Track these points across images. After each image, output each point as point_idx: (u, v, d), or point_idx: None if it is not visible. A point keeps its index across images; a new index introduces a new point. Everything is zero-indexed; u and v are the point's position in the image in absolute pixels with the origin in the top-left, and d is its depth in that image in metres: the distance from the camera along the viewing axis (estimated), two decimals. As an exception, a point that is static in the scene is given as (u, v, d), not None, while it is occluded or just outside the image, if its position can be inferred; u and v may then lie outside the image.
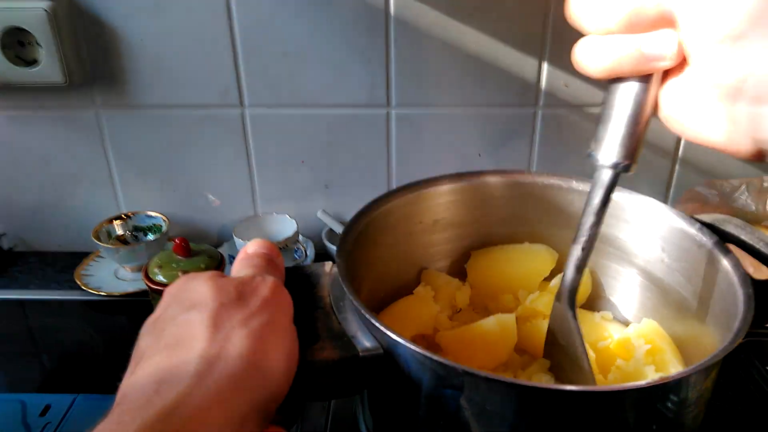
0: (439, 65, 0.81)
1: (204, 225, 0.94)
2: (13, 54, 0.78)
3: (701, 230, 0.49)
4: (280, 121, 0.85)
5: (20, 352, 0.74)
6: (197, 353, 0.32)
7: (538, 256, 0.60)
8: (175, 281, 0.39)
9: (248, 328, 0.34)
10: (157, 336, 0.34)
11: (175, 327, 0.34)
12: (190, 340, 0.33)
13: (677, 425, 0.38)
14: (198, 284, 0.37)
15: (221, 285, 0.37)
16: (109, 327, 0.78)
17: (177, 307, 0.36)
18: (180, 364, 0.31)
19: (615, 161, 0.38)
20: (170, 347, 0.33)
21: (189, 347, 0.32)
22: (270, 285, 0.38)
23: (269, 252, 0.43)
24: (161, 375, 0.31)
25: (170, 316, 0.35)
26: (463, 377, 0.35)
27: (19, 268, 0.91)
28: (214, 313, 0.34)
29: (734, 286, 0.43)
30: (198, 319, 0.34)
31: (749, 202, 0.80)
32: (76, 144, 0.88)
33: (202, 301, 0.35)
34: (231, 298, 0.36)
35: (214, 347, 0.32)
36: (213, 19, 0.79)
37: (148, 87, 0.83)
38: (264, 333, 0.34)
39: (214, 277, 0.38)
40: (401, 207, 0.56)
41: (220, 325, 0.33)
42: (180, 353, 0.32)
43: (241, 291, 0.36)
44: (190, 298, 0.36)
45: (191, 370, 0.31)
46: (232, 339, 0.33)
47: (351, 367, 0.39)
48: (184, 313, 0.35)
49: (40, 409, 0.62)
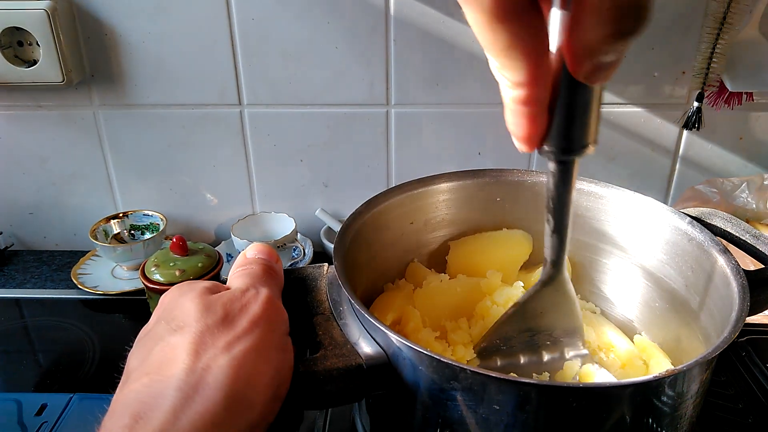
0: (439, 64, 0.81)
1: (202, 224, 0.94)
2: (12, 54, 0.78)
3: (692, 224, 0.49)
4: (278, 119, 0.85)
5: (16, 351, 0.74)
6: (176, 384, 0.31)
7: (514, 242, 0.59)
8: (170, 290, 0.38)
9: (231, 355, 0.32)
10: (143, 356, 0.34)
11: (159, 349, 0.33)
12: (171, 366, 0.32)
13: (678, 419, 0.38)
14: (186, 301, 0.36)
15: (208, 304, 0.36)
16: (105, 326, 0.77)
17: (164, 326, 0.35)
18: (157, 395, 0.30)
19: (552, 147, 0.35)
20: (151, 373, 0.32)
21: (168, 374, 0.31)
22: (262, 301, 0.37)
23: (268, 258, 0.42)
24: (137, 408, 0.30)
25: (157, 335, 0.35)
26: (465, 376, 0.35)
27: (15, 266, 0.91)
28: (197, 337, 0.33)
29: (728, 278, 0.43)
30: (180, 344, 0.33)
31: (750, 200, 0.80)
32: (74, 143, 0.87)
33: (188, 322, 0.34)
34: (217, 319, 0.35)
35: (193, 377, 0.31)
36: (212, 19, 0.78)
37: (146, 86, 0.83)
38: (249, 359, 0.33)
39: (204, 293, 0.37)
40: (398, 206, 0.56)
41: (201, 352, 0.32)
42: (159, 380, 0.31)
43: (228, 310, 0.35)
44: (177, 316, 0.35)
45: (167, 406, 0.30)
46: (212, 368, 0.32)
47: (355, 377, 0.38)
48: (169, 335, 0.34)
49: (36, 409, 0.61)
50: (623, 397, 0.35)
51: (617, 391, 0.35)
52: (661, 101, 0.82)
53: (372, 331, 0.40)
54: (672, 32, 0.78)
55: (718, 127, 0.83)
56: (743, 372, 0.64)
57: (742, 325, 0.37)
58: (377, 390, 0.39)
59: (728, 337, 0.36)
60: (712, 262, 0.46)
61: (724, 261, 0.44)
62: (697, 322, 0.47)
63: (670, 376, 0.35)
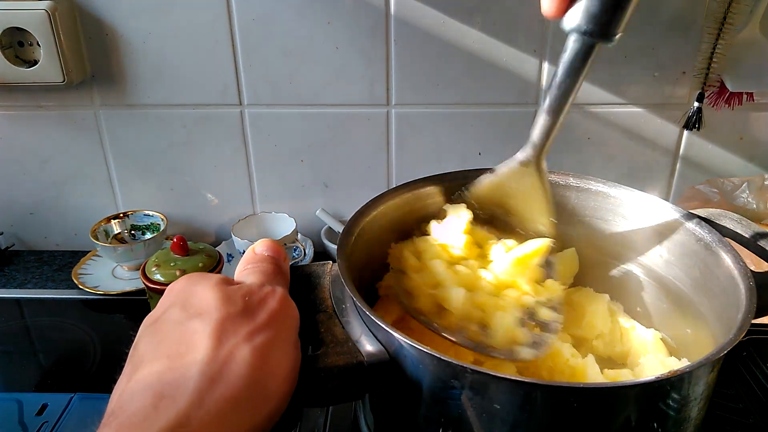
0: (439, 64, 0.81)
1: (202, 224, 0.94)
2: (12, 54, 0.78)
3: (699, 224, 0.49)
4: (279, 119, 0.85)
5: (17, 351, 0.74)
6: (199, 368, 0.30)
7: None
8: (178, 280, 0.38)
9: (253, 344, 0.32)
10: (158, 340, 0.33)
11: (177, 333, 0.33)
12: (192, 351, 0.31)
13: (682, 421, 0.38)
14: (204, 289, 0.35)
15: (229, 294, 0.35)
16: (106, 326, 0.77)
17: (180, 311, 0.34)
18: (180, 377, 0.30)
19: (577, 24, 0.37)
20: (171, 356, 0.31)
21: (191, 359, 0.31)
22: (278, 297, 0.37)
23: (277, 256, 0.41)
24: (160, 388, 0.29)
25: (173, 320, 0.34)
26: (469, 375, 0.35)
27: (16, 266, 0.91)
28: (219, 324, 0.33)
29: (735, 279, 0.43)
30: (201, 329, 0.32)
31: (750, 200, 0.80)
32: (74, 143, 0.87)
33: (207, 309, 0.34)
34: (238, 309, 0.34)
35: (216, 362, 0.31)
36: (213, 19, 0.78)
37: (146, 86, 0.83)
38: (268, 350, 0.33)
39: (221, 283, 0.36)
40: (402, 205, 0.55)
41: (224, 339, 0.32)
42: (181, 364, 0.31)
43: (248, 302, 0.35)
44: (194, 303, 0.35)
45: (191, 387, 0.29)
46: (236, 355, 0.31)
47: (356, 374, 0.38)
48: (187, 320, 0.33)
49: (36, 409, 0.61)
50: (626, 398, 0.35)
51: (620, 392, 0.35)
52: (661, 101, 0.82)
53: (374, 329, 0.40)
54: (672, 32, 0.78)
55: (718, 127, 0.83)
56: (744, 372, 0.64)
57: (749, 326, 0.37)
58: (378, 388, 0.39)
59: (734, 337, 0.36)
60: (720, 262, 0.45)
61: (732, 262, 0.44)
62: (703, 323, 0.47)
63: (674, 377, 0.34)
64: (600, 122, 0.84)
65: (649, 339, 0.52)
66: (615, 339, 0.53)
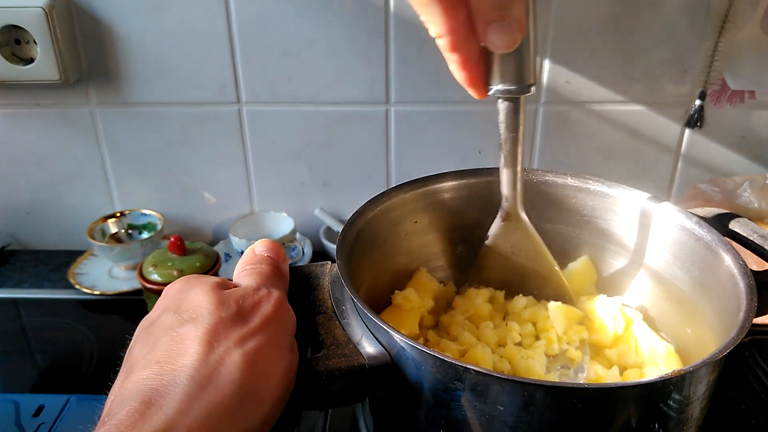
0: (439, 62, 0.80)
1: (200, 223, 0.93)
2: (9, 52, 0.78)
3: (699, 224, 0.48)
4: (277, 118, 0.85)
5: (13, 351, 0.73)
6: (188, 373, 0.30)
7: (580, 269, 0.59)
8: (175, 282, 0.38)
9: (244, 350, 0.32)
10: (151, 346, 0.33)
11: (169, 339, 0.33)
12: (183, 356, 0.31)
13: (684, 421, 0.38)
14: (198, 293, 0.36)
15: (222, 298, 0.35)
16: (103, 327, 0.77)
17: (174, 316, 0.34)
18: (169, 384, 0.30)
19: (496, 88, 0.44)
20: (161, 362, 0.31)
21: (180, 364, 0.31)
22: (274, 301, 0.36)
23: (276, 257, 0.41)
24: (148, 394, 0.29)
25: (166, 325, 0.34)
26: (471, 376, 0.34)
27: (12, 266, 0.90)
28: (211, 329, 0.33)
29: (735, 278, 0.43)
30: (193, 334, 0.32)
31: (752, 199, 0.79)
32: (71, 142, 0.87)
33: (200, 314, 0.34)
34: (230, 313, 0.34)
35: (206, 368, 0.31)
36: (211, 16, 0.78)
37: (143, 84, 0.82)
38: (261, 355, 0.33)
39: (215, 287, 0.36)
40: (402, 204, 0.55)
41: (215, 344, 0.32)
42: (170, 370, 0.31)
43: (242, 306, 0.35)
44: (187, 308, 0.35)
45: (180, 393, 0.29)
46: (226, 360, 0.31)
47: (357, 377, 0.38)
48: (179, 325, 0.33)
49: (33, 410, 0.61)
50: (629, 398, 0.35)
51: (623, 392, 0.35)
52: (663, 99, 0.82)
53: (375, 330, 0.39)
54: (674, 30, 0.78)
55: (720, 126, 0.83)
56: (746, 373, 0.64)
57: (750, 326, 0.37)
58: (380, 390, 0.39)
59: (735, 337, 0.36)
60: (720, 262, 0.45)
61: (732, 261, 0.44)
62: (704, 323, 0.47)
63: (676, 377, 0.34)
64: (601, 120, 0.83)
65: (661, 351, 0.51)
66: (629, 348, 0.52)
